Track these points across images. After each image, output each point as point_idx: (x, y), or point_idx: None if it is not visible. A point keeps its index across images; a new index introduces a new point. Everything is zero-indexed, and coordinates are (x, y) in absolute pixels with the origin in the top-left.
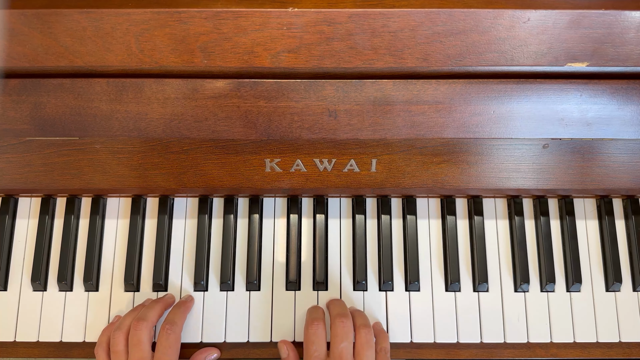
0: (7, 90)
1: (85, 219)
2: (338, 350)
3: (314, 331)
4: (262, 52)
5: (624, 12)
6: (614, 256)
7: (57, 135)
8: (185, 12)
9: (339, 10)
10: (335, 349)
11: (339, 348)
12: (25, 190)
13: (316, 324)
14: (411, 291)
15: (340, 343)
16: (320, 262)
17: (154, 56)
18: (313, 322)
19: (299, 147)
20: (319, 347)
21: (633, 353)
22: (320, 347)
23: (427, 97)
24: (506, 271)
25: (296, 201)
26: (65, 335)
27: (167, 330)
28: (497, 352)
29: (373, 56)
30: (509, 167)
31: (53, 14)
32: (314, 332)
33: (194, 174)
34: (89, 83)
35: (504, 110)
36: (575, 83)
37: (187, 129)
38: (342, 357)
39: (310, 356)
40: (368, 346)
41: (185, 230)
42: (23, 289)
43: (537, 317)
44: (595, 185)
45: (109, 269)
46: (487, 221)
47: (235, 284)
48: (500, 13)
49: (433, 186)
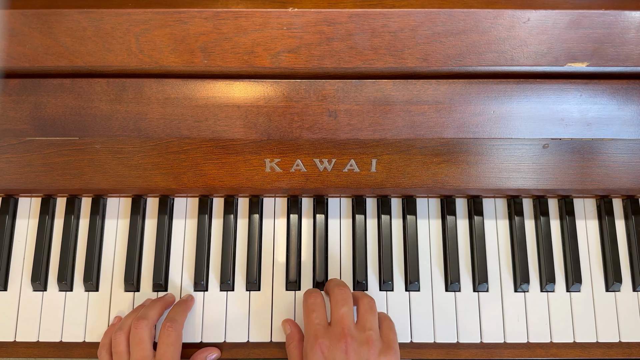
0: (7, 90)
1: (85, 219)
2: (339, 314)
3: (313, 300)
4: (262, 52)
5: (624, 12)
6: (614, 256)
7: (57, 135)
8: (185, 12)
9: (339, 10)
10: (337, 314)
11: (339, 313)
12: (25, 190)
13: (315, 294)
14: (411, 291)
15: (341, 308)
16: (320, 262)
17: (154, 56)
18: (311, 293)
19: (299, 147)
20: (320, 314)
21: (633, 353)
22: (321, 314)
23: (427, 97)
24: (506, 271)
25: (296, 201)
26: (65, 335)
27: (168, 328)
28: (497, 352)
29: (373, 56)
30: (509, 167)
31: (53, 14)
32: (314, 301)
33: (194, 174)
34: (89, 83)
35: (504, 110)
36: (575, 83)
37: (187, 129)
38: (343, 321)
39: (312, 324)
40: (371, 311)
41: (185, 230)
42: (23, 289)
43: (537, 317)
44: (595, 185)
45: (109, 269)
46: (487, 221)
47: (235, 284)
48: (500, 13)
49: (433, 186)
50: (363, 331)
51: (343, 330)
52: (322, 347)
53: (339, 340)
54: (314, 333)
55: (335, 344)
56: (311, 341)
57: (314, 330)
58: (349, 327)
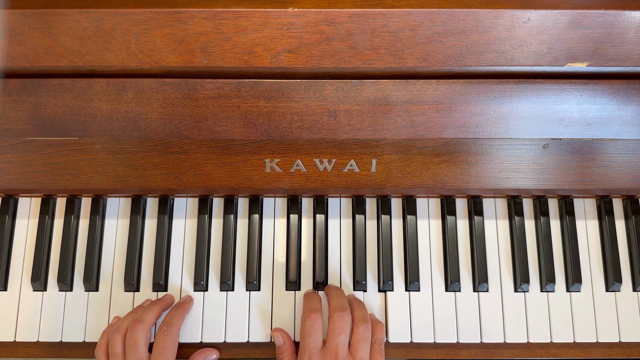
0: (7, 90)
1: (85, 219)
2: (334, 342)
3: (311, 323)
4: (262, 52)
5: (624, 12)
6: (614, 256)
7: (57, 135)
8: (185, 12)
9: (339, 10)
10: (332, 342)
11: (335, 341)
12: (25, 190)
13: (314, 316)
14: (411, 291)
15: (337, 337)
16: (320, 262)
17: (154, 56)
18: (311, 314)
19: (299, 147)
20: (316, 339)
21: (633, 353)
22: (316, 339)
23: (427, 97)
24: (506, 271)
25: (296, 201)
26: (65, 335)
27: (164, 332)
28: (497, 352)
29: (373, 56)
30: (509, 167)
31: (53, 14)
32: (311, 324)
33: (194, 174)
34: (89, 83)
35: (504, 110)
36: (575, 83)
37: (187, 129)
38: (337, 350)
39: (306, 347)
40: (365, 342)
41: (185, 230)
42: (23, 289)
43: (537, 317)
44: (595, 185)
45: (109, 269)
46: (487, 221)
47: (235, 284)
48: (500, 13)
49: (433, 186)
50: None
51: (336, 358)
52: None
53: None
54: (308, 355)
55: None
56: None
57: (309, 352)
58: (342, 356)
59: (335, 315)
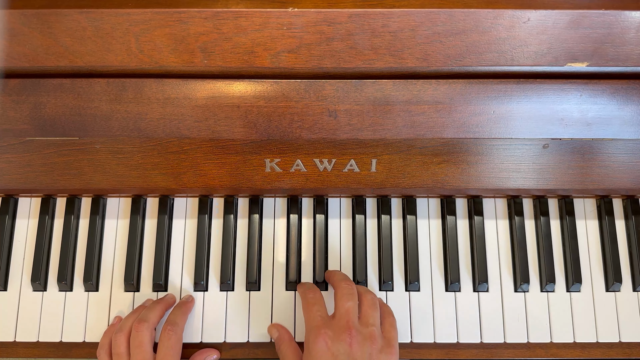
0: (7, 90)
1: (85, 219)
2: (344, 308)
3: (314, 295)
4: (262, 52)
5: (624, 12)
6: (614, 256)
7: (57, 135)
8: (185, 12)
9: (339, 10)
10: (342, 307)
11: (345, 306)
12: (25, 190)
13: (314, 289)
14: (411, 291)
15: (347, 302)
16: (320, 262)
17: (154, 56)
18: (310, 288)
19: (299, 147)
20: (322, 307)
21: (633, 353)
22: (322, 307)
23: (427, 97)
24: (506, 271)
25: (296, 201)
26: (65, 335)
27: (169, 331)
28: (497, 352)
29: (373, 56)
30: (509, 167)
31: (53, 14)
32: (314, 295)
33: (194, 174)
34: (89, 83)
35: (504, 110)
36: (575, 83)
37: (187, 129)
38: (348, 314)
39: (314, 316)
40: (374, 307)
41: (185, 230)
42: (23, 289)
43: (537, 317)
44: (595, 185)
45: (109, 269)
46: (487, 221)
47: (235, 284)
48: (500, 13)
49: (433, 186)
50: (366, 326)
51: (348, 323)
52: (325, 337)
53: (343, 332)
54: (316, 324)
55: (339, 335)
56: (314, 332)
57: (317, 322)
58: (353, 321)
59: (342, 283)
